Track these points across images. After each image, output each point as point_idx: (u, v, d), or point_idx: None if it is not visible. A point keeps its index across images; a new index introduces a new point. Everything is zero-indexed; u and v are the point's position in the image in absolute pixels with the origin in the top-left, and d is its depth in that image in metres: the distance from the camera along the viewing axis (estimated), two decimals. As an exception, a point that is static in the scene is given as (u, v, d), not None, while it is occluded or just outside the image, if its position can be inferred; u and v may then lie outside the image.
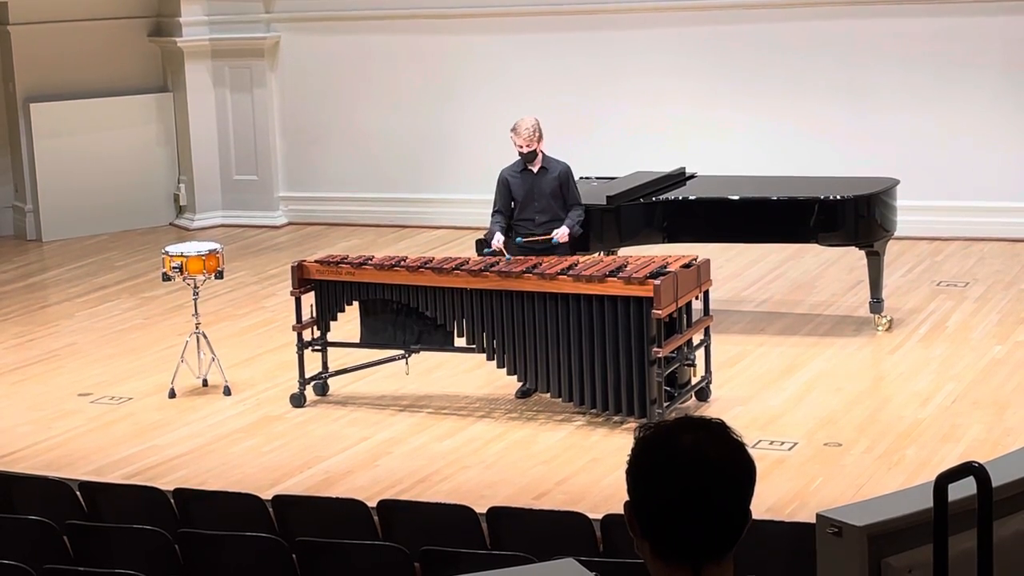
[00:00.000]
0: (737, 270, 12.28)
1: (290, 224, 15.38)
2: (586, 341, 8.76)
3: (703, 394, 9.28)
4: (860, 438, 8.50)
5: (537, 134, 9.57)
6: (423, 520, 6.80)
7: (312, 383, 9.61)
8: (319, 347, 9.56)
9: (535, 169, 9.66)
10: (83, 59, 15.17)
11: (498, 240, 9.58)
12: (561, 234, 9.61)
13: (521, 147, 9.58)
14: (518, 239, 9.54)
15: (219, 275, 9.91)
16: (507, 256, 9.38)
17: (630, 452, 2.59)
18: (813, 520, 3.91)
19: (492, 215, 9.77)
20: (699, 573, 2.54)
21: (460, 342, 9.22)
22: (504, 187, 9.73)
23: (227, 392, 9.81)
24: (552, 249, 9.51)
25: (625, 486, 2.59)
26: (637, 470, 2.57)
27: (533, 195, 9.67)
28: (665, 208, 10.51)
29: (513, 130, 9.64)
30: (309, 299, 9.49)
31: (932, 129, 13.23)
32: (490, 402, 9.43)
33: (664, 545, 2.55)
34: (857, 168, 12.16)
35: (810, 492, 7.71)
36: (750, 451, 2.58)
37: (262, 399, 9.74)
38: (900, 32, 13.32)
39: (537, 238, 9.57)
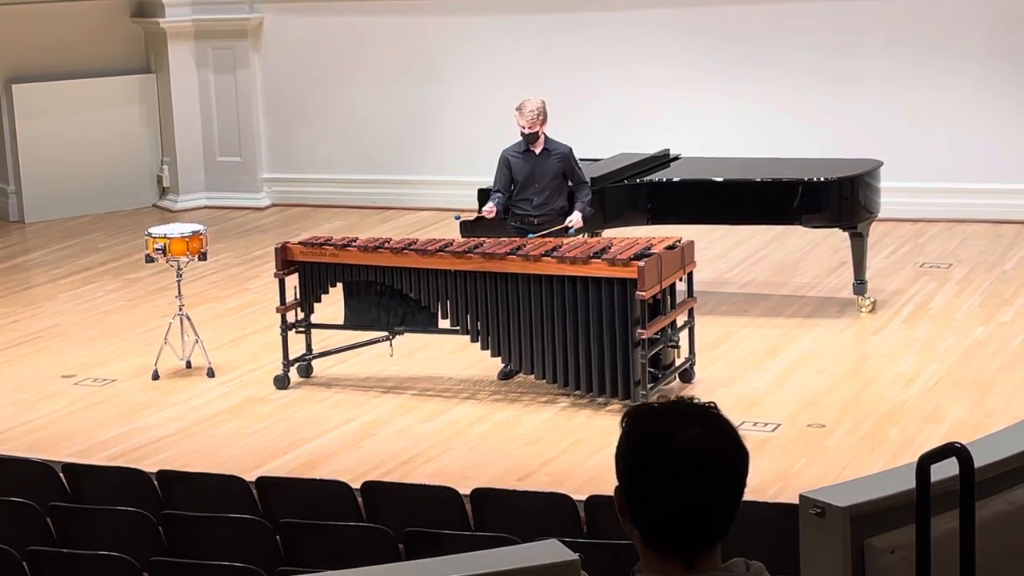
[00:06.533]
0: (721, 252, 12.29)
1: (274, 205, 15.34)
2: (570, 323, 8.76)
3: (687, 375, 9.29)
4: (843, 419, 8.52)
5: (541, 116, 9.52)
6: (407, 501, 6.80)
7: (296, 365, 9.60)
8: (303, 329, 9.55)
9: (537, 151, 9.63)
10: (66, 40, 15.09)
11: (488, 208, 9.56)
12: (575, 220, 9.58)
13: (524, 127, 9.53)
14: (530, 235, 9.38)
15: (202, 257, 9.90)
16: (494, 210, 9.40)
17: (622, 437, 2.54)
18: (796, 501, 3.91)
19: (492, 194, 9.73)
20: (691, 565, 2.53)
21: (444, 324, 9.21)
22: (505, 167, 9.68)
23: (211, 374, 9.79)
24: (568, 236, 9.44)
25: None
26: (630, 462, 2.53)
27: (534, 176, 9.62)
28: (649, 190, 10.51)
29: (518, 109, 9.58)
30: (293, 281, 9.47)
31: (915, 111, 13.23)
32: (474, 384, 9.43)
33: (655, 537, 2.53)
34: (841, 149, 12.16)
35: (793, 473, 7.72)
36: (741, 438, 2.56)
37: (246, 381, 9.73)
38: (883, 14, 13.32)
39: (552, 229, 9.47)
